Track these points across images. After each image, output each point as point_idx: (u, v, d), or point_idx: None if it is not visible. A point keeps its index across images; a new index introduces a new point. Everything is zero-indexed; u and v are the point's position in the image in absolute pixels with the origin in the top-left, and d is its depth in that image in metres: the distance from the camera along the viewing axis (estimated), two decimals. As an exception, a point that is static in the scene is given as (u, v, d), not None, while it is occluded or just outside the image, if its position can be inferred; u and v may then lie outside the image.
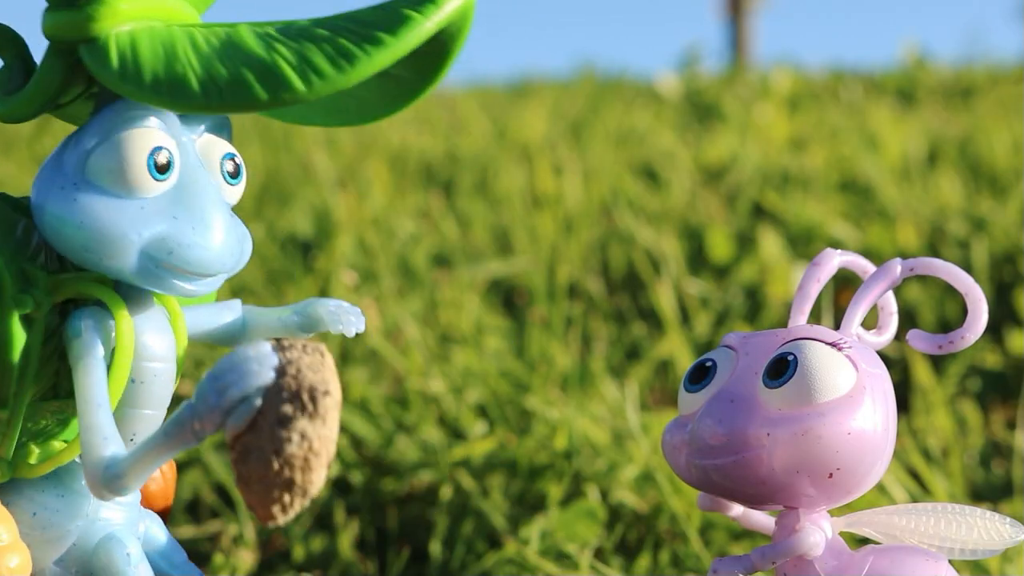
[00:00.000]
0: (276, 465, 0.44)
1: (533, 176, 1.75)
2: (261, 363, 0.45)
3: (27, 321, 0.48)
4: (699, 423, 0.52)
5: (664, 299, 1.23)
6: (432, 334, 1.19)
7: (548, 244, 1.43)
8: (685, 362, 1.16)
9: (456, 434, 1.00)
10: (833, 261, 0.56)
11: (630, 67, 3.50)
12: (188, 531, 0.93)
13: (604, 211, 1.58)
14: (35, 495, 0.51)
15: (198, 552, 0.91)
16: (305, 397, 0.45)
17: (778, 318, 1.29)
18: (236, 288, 1.31)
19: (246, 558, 0.88)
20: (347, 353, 1.16)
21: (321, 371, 0.45)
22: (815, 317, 1.07)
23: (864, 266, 0.57)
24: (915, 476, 0.94)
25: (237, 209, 0.54)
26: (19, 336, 0.48)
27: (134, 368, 0.50)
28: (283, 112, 0.54)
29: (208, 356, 1.07)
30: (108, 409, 0.48)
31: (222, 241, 0.49)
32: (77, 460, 0.52)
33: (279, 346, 0.46)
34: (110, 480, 0.47)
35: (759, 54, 4.81)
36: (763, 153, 1.95)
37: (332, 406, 0.45)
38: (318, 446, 0.45)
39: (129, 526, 0.52)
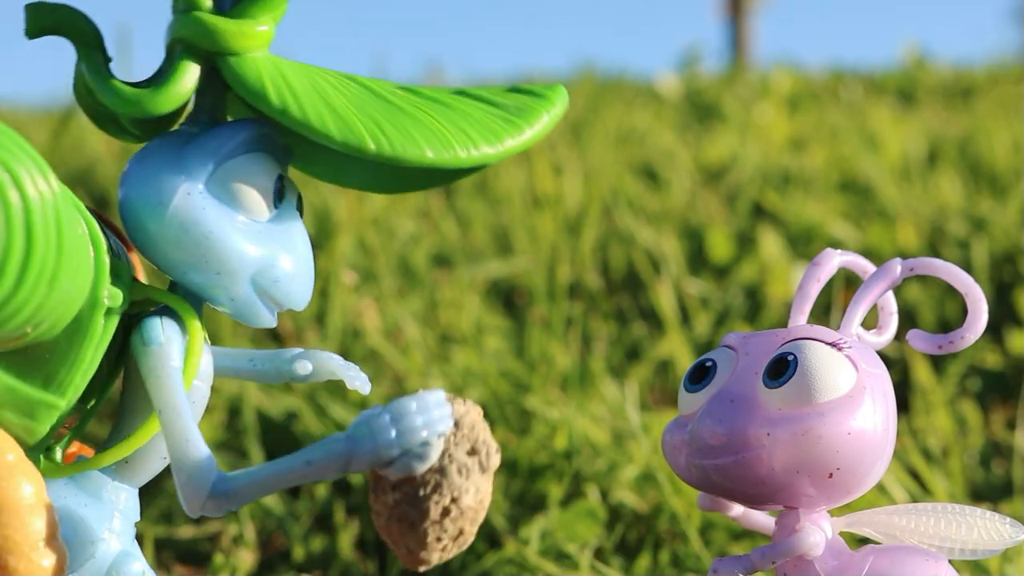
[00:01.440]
0: (454, 513, 0.46)
1: (533, 176, 1.75)
2: (443, 411, 0.46)
3: (107, 316, 0.47)
4: (699, 423, 0.52)
5: (664, 299, 1.23)
6: (432, 334, 1.19)
7: (548, 244, 1.43)
8: (685, 362, 1.16)
9: (456, 434, 1.00)
10: (833, 261, 0.56)
11: (630, 67, 3.50)
12: (188, 531, 0.93)
13: (604, 211, 1.58)
14: (58, 500, 0.49)
15: (198, 552, 0.92)
16: (483, 452, 0.46)
17: (778, 318, 1.29)
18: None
19: (246, 558, 0.88)
20: (347, 353, 1.16)
21: (487, 428, 0.47)
22: (824, 317, 1.07)
23: (864, 266, 0.57)
24: (915, 476, 0.94)
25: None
26: (98, 329, 0.47)
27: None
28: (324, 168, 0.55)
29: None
30: (194, 420, 0.48)
31: (310, 278, 0.50)
32: (99, 471, 0.51)
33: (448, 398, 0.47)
34: (218, 496, 0.46)
35: (759, 54, 4.81)
36: (763, 153, 1.95)
37: (496, 464, 0.47)
38: (486, 502, 0.47)
39: (131, 539, 0.51)
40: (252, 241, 0.48)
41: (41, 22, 0.48)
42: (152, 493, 0.93)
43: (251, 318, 0.50)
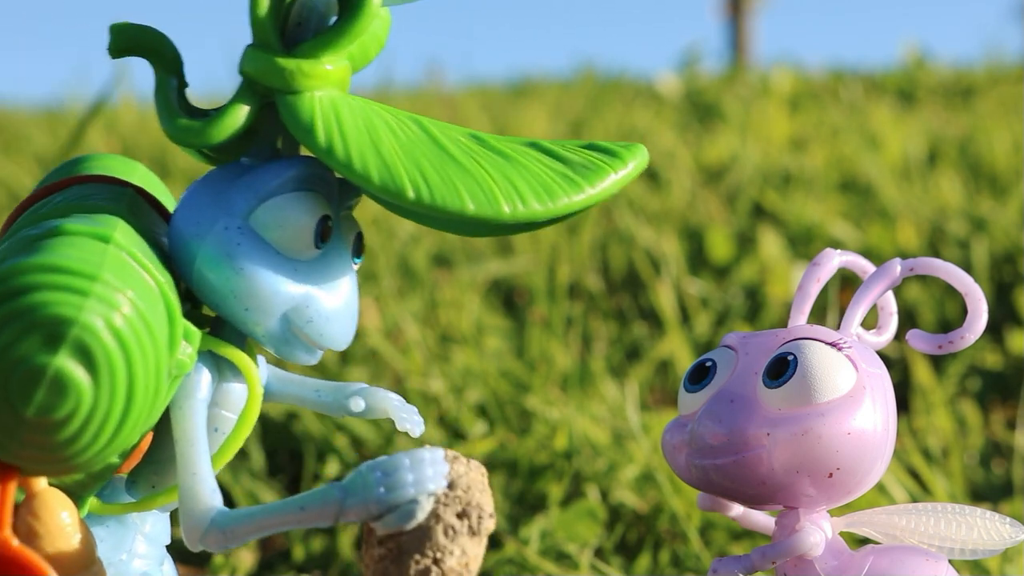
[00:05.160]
0: (434, 573, 0.45)
1: (533, 176, 1.75)
2: (436, 470, 0.45)
3: (172, 380, 0.47)
4: (699, 423, 0.52)
5: (664, 299, 1.23)
6: (432, 334, 1.19)
7: (548, 244, 1.43)
8: (685, 362, 1.16)
9: (456, 434, 1.00)
10: (833, 261, 0.56)
11: (630, 67, 3.50)
12: (188, 531, 0.93)
13: (604, 211, 1.58)
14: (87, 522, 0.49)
15: (198, 552, 0.91)
16: (474, 515, 0.46)
17: (778, 318, 1.29)
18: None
19: (246, 558, 0.88)
20: (347, 353, 1.15)
21: (486, 492, 0.47)
22: (823, 317, 1.07)
23: (864, 266, 0.57)
24: (915, 476, 0.94)
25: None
26: (163, 396, 0.46)
27: (217, 417, 0.49)
28: None
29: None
30: (209, 457, 0.47)
31: (352, 320, 0.50)
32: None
33: (447, 457, 0.47)
34: (215, 533, 0.46)
35: (759, 54, 4.80)
36: (763, 153, 1.95)
37: (489, 529, 0.46)
38: (473, 566, 0.46)
39: (158, 563, 0.52)
40: (287, 279, 0.48)
41: (125, 43, 0.49)
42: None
43: (287, 355, 0.49)
